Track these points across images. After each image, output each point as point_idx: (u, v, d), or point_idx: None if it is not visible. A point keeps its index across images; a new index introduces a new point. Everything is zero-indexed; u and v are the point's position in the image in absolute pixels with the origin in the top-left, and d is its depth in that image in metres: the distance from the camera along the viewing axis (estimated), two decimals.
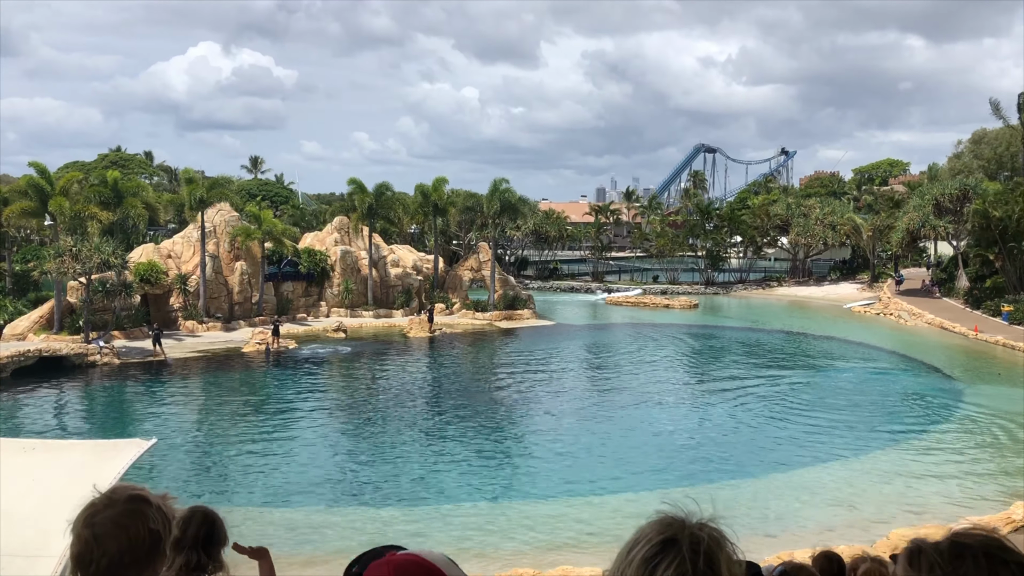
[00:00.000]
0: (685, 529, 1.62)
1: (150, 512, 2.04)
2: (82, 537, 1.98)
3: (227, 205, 51.07)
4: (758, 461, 23.45)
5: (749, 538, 17.11)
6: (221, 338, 43.91)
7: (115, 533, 1.97)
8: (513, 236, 77.04)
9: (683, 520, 1.63)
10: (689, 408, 29.91)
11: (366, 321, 50.89)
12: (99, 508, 2.02)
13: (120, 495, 2.06)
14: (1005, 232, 52.20)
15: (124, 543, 1.97)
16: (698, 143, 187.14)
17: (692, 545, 1.59)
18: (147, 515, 2.03)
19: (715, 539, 1.62)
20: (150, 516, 2.03)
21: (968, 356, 41.01)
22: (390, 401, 31.50)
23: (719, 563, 1.59)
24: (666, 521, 1.64)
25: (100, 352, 36.95)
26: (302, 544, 17.42)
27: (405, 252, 58.55)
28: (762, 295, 72.63)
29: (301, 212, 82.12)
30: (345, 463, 23.48)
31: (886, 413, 29.67)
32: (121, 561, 1.96)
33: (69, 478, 19.87)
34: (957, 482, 21.44)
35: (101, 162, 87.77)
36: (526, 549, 17.09)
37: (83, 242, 38.61)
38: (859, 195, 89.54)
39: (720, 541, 1.62)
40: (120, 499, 2.03)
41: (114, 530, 1.97)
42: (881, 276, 73.87)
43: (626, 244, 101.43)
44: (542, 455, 24.03)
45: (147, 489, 2.14)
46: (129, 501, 2.03)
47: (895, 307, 56.93)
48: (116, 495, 2.06)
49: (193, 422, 28.47)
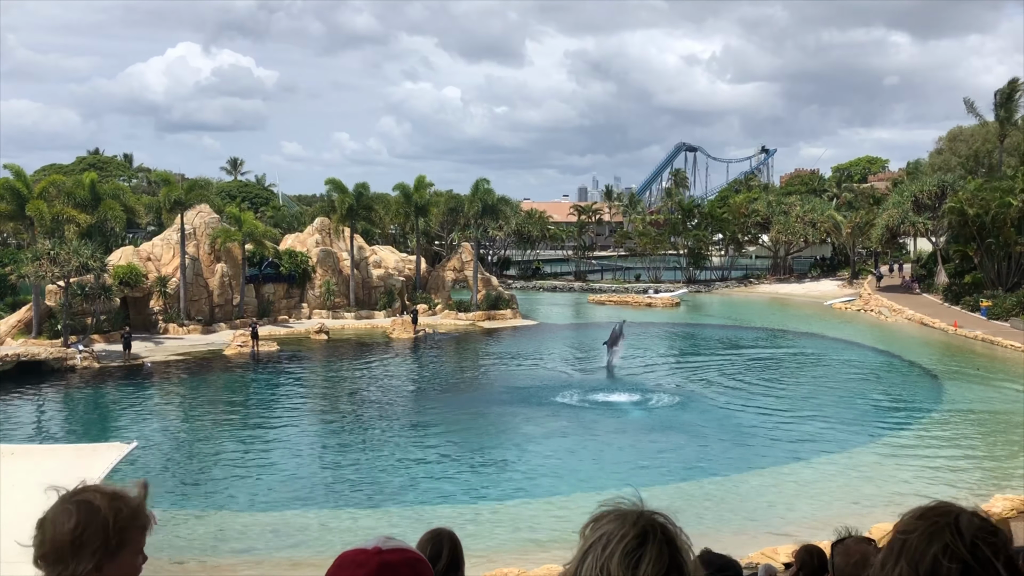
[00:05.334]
0: (653, 522, 1.62)
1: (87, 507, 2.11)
2: (35, 535, 2.15)
3: (207, 207, 50.75)
4: (739, 458, 23.54)
5: (732, 535, 17.20)
6: (202, 341, 43.64)
7: (58, 520, 2.10)
8: (495, 236, 77.06)
9: (646, 513, 1.64)
10: (672, 406, 29.98)
11: (348, 322, 50.73)
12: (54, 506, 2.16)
13: (70, 493, 2.17)
14: (983, 228, 52.72)
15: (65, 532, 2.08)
16: (679, 142, 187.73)
17: (666, 538, 1.59)
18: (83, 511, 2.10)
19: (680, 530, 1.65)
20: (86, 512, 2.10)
21: (948, 351, 41.37)
22: (373, 403, 31.42)
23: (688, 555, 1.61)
24: (631, 514, 1.64)
25: (79, 356, 36.64)
26: (286, 546, 17.34)
27: (387, 253, 58.40)
28: (744, 292, 73.00)
29: (282, 213, 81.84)
30: (328, 465, 23.40)
31: (866, 409, 29.87)
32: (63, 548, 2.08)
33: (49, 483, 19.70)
34: (937, 476, 21.64)
35: (79, 164, 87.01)
36: (510, 548, 17.08)
37: (61, 245, 38.26)
38: (839, 192, 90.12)
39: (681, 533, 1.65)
40: (67, 497, 2.15)
41: (53, 527, 2.10)
42: (861, 273, 74.43)
43: (608, 243, 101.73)
44: (526, 455, 24.02)
45: (115, 487, 2.21)
46: (72, 499, 2.14)
47: (875, 303, 57.36)
48: (67, 494, 2.17)
49: (174, 425, 28.28)
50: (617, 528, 1.61)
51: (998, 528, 1.72)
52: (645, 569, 1.56)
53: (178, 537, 17.52)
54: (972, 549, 1.64)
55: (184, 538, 17.58)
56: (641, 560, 1.57)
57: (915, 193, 61.49)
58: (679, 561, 1.59)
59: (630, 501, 1.68)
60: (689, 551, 1.63)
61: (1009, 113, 66.04)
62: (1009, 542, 1.72)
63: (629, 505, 1.66)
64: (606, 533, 1.61)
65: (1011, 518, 17.56)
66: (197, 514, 19.23)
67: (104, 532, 2.10)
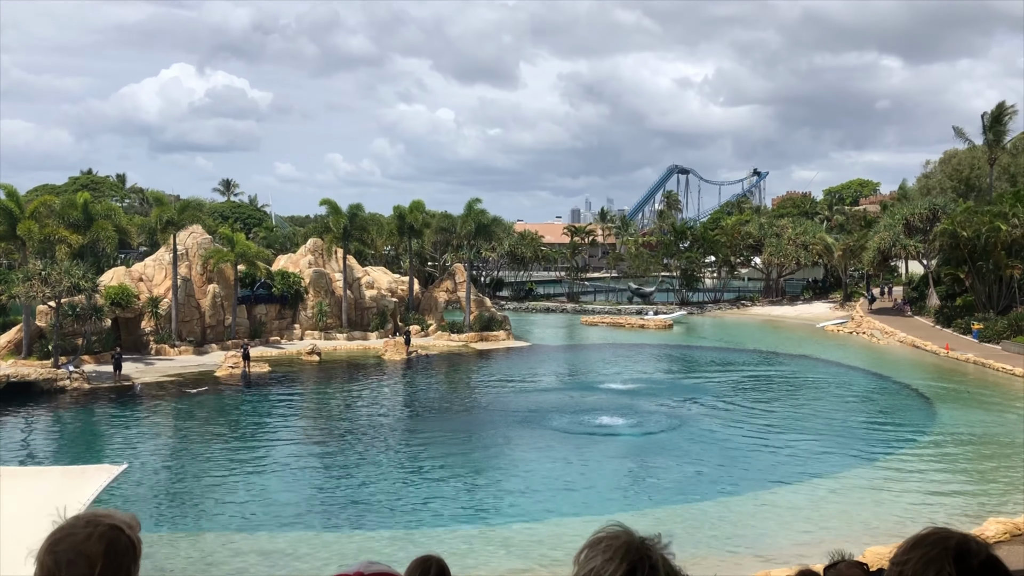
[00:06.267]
0: (642, 555, 1.60)
1: (112, 535, 2.01)
2: (44, 564, 1.97)
3: (199, 227, 50.71)
4: (731, 482, 23.46)
5: (726, 558, 17.11)
6: (193, 362, 43.44)
7: (76, 560, 1.95)
8: (488, 257, 77.13)
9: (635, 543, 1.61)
10: (664, 428, 29.90)
11: (340, 344, 50.59)
12: (61, 535, 2.00)
13: (81, 520, 2.03)
14: (974, 251, 52.96)
15: (85, 568, 1.95)
16: (672, 164, 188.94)
17: (652, 568, 1.57)
18: (109, 538, 2.00)
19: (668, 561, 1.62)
20: (111, 539, 2.00)
21: (940, 374, 41.42)
22: (364, 426, 31.27)
23: None
24: (621, 547, 1.61)
25: (70, 377, 36.41)
26: (276, 569, 17.18)
27: (380, 274, 58.37)
28: (736, 315, 73.08)
29: (275, 234, 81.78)
30: (319, 488, 23.23)
31: (858, 432, 29.84)
32: None
33: (37, 505, 19.50)
34: (930, 499, 21.58)
35: (72, 185, 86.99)
36: (503, 570, 16.95)
37: (52, 265, 38.13)
38: (831, 215, 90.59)
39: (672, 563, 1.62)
40: (81, 524, 2.01)
41: (75, 557, 1.95)
42: (853, 295, 74.63)
43: (601, 265, 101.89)
44: (519, 477, 23.91)
45: (113, 512, 2.11)
46: (90, 525, 2.00)
47: (867, 326, 57.48)
48: (78, 521, 2.03)
49: (164, 447, 28.07)
50: (606, 563, 1.59)
51: (994, 555, 1.71)
52: None
53: (168, 560, 17.36)
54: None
55: (174, 560, 17.40)
56: None
57: (906, 216, 61.78)
58: None
59: (623, 528, 1.65)
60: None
61: (998, 136, 66.56)
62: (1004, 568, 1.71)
63: (622, 532, 1.64)
64: (595, 568, 1.59)
65: (1004, 541, 17.52)
66: (187, 536, 19.05)
67: (132, 554, 2.04)
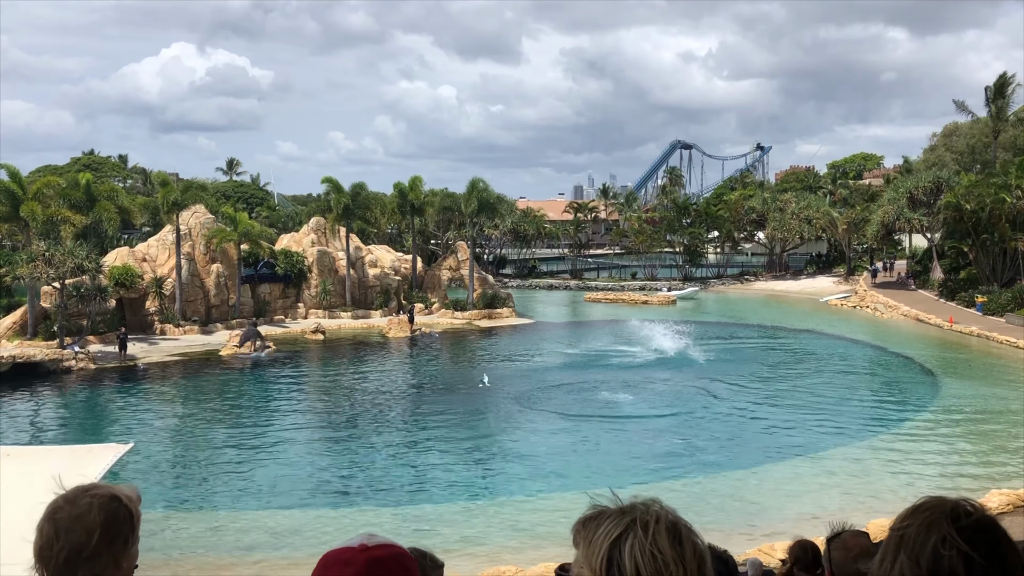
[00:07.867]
0: (643, 508, 1.61)
1: (112, 505, 2.07)
2: (44, 532, 2.03)
3: (202, 207, 50.70)
4: (734, 455, 23.58)
5: (728, 532, 17.22)
6: (198, 341, 43.59)
7: (74, 527, 2.01)
8: (491, 235, 77.02)
9: (634, 503, 1.63)
10: (667, 403, 30.01)
11: (344, 322, 50.70)
12: (62, 504, 2.06)
13: (81, 490, 2.10)
14: (978, 224, 52.83)
15: (83, 536, 2.01)
16: (675, 139, 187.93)
17: (656, 519, 1.58)
18: (108, 508, 2.05)
19: (672, 513, 1.63)
20: (111, 509, 2.06)
21: (943, 347, 41.46)
22: (370, 402, 31.40)
23: (684, 536, 1.59)
24: (616, 506, 1.64)
25: (75, 357, 36.57)
26: (284, 546, 17.34)
27: (383, 252, 58.37)
28: (739, 289, 73.04)
29: (277, 213, 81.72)
30: (325, 465, 23.38)
31: (862, 406, 29.94)
32: (80, 554, 2.00)
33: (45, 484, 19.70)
34: (934, 471, 21.69)
35: (74, 165, 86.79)
36: (508, 546, 17.10)
37: (56, 246, 38.18)
38: (834, 189, 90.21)
39: (676, 515, 1.63)
40: (81, 494, 2.07)
41: (74, 524, 2.02)
42: (857, 269, 74.50)
43: (604, 241, 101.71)
44: (523, 453, 24.03)
45: (113, 485, 2.17)
46: (89, 495, 2.06)
47: (871, 300, 57.45)
48: (78, 491, 2.09)
49: (171, 426, 28.24)
50: (604, 517, 1.62)
51: (992, 516, 1.74)
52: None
53: (175, 536, 17.53)
54: (970, 537, 1.66)
55: (181, 537, 17.58)
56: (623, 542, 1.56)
57: (910, 189, 61.55)
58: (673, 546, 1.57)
59: (619, 499, 1.67)
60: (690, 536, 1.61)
61: (1001, 108, 66.17)
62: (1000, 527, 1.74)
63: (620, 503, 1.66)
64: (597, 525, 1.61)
65: (1007, 513, 17.62)
66: (194, 514, 19.23)
67: (130, 524, 2.10)
